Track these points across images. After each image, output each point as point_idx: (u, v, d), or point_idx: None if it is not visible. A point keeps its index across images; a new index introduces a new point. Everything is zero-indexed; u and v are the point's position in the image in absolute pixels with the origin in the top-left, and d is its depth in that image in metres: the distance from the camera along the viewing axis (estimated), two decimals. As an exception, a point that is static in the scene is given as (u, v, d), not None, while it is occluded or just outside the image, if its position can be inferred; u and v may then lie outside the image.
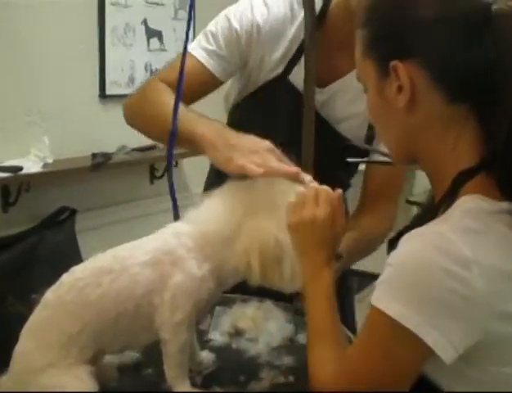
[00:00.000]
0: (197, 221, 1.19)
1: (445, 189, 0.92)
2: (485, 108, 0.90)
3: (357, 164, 1.76)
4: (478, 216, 0.86)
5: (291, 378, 1.28)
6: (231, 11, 1.57)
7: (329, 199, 1.10)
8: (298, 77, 1.55)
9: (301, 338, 1.44)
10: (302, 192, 1.14)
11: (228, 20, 1.55)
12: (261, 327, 1.45)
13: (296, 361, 1.34)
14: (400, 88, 0.92)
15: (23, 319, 1.18)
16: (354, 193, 1.74)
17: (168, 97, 1.46)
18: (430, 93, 0.91)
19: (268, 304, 1.52)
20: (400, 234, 0.95)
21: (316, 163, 1.44)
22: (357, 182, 1.78)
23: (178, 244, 1.17)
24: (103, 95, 3.11)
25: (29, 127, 2.74)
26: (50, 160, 2.70)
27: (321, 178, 1.23)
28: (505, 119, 0.86)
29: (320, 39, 1.52)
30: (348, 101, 1.60)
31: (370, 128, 1.62)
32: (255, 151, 1.25)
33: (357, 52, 1.02)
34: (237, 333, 1.44)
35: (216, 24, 1.57)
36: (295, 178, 1.19)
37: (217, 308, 1.51)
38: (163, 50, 3.44)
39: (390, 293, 0.86)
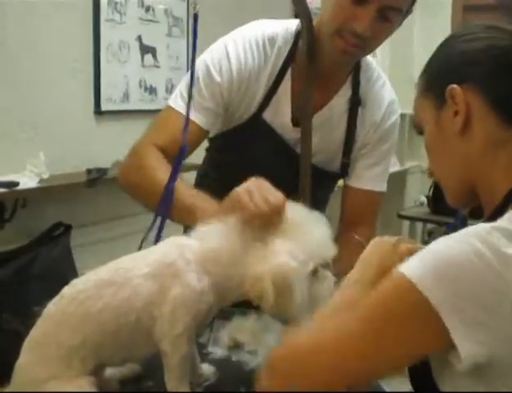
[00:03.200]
0: (203, 236, 1.20)
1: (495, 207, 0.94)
2: None
3: (334, 181, 1.82)
4: None
5: (291, 390, 1.28)
6: (209, 60, 1.56)
7: None
8: (270, 114, 1.61)
9: (300, 350, 1.44)
10: None
11: (209, 72, 1.55)
12: (260, 340, 1.46)
13: (296, 373, 1.35)
14: (456, 113, 0.98)
15: (18, 336, 1.19)
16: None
17: (162, 168, 1.48)
18: (485, 117, 0.97)
19: (267, 317, 1.50)
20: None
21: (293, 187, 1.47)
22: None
23: (179, 256, 1.18)
24: (98, 111, 3.11)
25: (24, 143, 2.74)
26: (46, 176, 2.69)
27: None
28: None
29: (292, 78, 1.59)
30: (321, 137, 1.65)
31: (345, 155, 1.69)
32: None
33: (415, 101, 1.09)
34: (237, 346, 1.45)
35: (198, 77, 1.55)
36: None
37: (217, 321, 1.51)
38: (157, 66, 3.46)
39: (423, 268, 0.82)
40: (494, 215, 0.92)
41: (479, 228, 0.84)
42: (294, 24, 1.61)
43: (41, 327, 1.17)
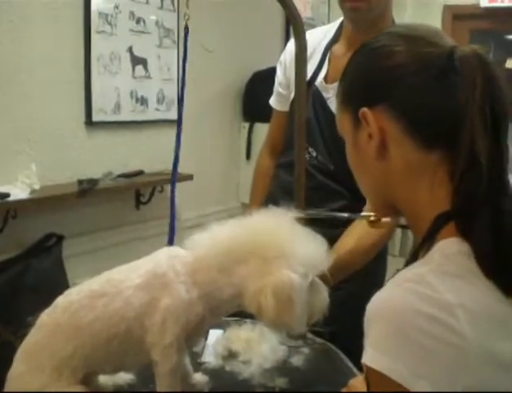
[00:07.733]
0: (197, 246, 1.20)
1: (424, 232, 0.90)
2: (455, 152, 0.87)
3: None
4: (457, 260, 0.83)
5: (284, 399, 1.29)
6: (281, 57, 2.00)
7: None
8: (318, 79, 1.89)
9: (294, 360, 1.45)
10: None
11: (279, 60, 2.00)
12: (254, 350, 1.46)
13: (289, 383, 1.35)
14: (370, 136, 0.92)
15: (10, 346, 1.19)
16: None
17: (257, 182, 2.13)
18: (401, 141, 0.91)
19: (262, 327, 1.52)
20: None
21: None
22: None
23: (169, 268, 1.18)
24: (89, 122, 3.11)
25: (16, 154, 2.74)
26: (37, 187, 2.68)
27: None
28: (460, 162, 0.85)
29: (336, 47, 1.90)
30: None
31: None
32: None
33: (336, 109, 1.03)
34: (231, 355, 1.45)
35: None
36: None
37: (211, 330, 1.51)
38: (148, 77, 3.46)
39: (374, 346, 0.81)
40: (423, 243, 0.89)
41: (416, 279, 0.81)
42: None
43: (34, 336, 1.17)
